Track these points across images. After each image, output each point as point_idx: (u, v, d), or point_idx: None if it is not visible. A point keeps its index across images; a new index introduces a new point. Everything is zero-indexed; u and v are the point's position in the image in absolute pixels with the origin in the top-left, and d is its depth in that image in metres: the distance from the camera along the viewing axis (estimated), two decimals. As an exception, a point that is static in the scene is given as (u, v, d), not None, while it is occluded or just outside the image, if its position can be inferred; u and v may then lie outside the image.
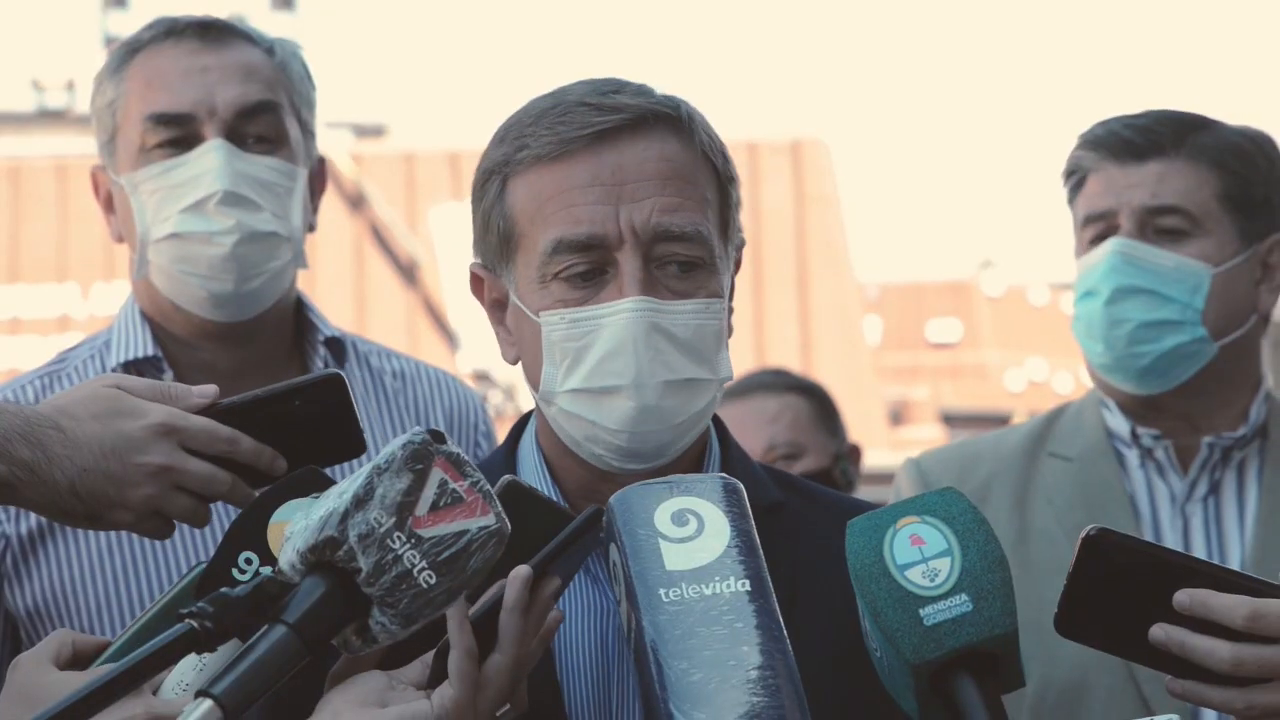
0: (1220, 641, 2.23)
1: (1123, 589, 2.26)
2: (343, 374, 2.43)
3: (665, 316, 2.36)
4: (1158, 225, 3.39)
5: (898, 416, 26.02)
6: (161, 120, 3.15)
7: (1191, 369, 3.40)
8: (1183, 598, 2.24)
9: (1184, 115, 3.47)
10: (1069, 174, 3.50)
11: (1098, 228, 3.43)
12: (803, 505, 2.45)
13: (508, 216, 2.43)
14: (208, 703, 1.89)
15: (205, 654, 2.06)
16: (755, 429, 4.70)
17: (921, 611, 2.06)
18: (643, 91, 2.44)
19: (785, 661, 2.01)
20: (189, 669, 2.20)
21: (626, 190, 2.37)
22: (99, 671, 2.08)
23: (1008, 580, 2.07)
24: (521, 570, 2.13)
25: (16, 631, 3.09)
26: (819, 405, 4.86)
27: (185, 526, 2.47)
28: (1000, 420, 26.11)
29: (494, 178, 2.44)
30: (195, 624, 1.91)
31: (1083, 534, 2.27)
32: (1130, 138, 3.41)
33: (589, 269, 2.38)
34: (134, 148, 3.16)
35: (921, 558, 2.09)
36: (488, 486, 2.02)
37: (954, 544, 2.08)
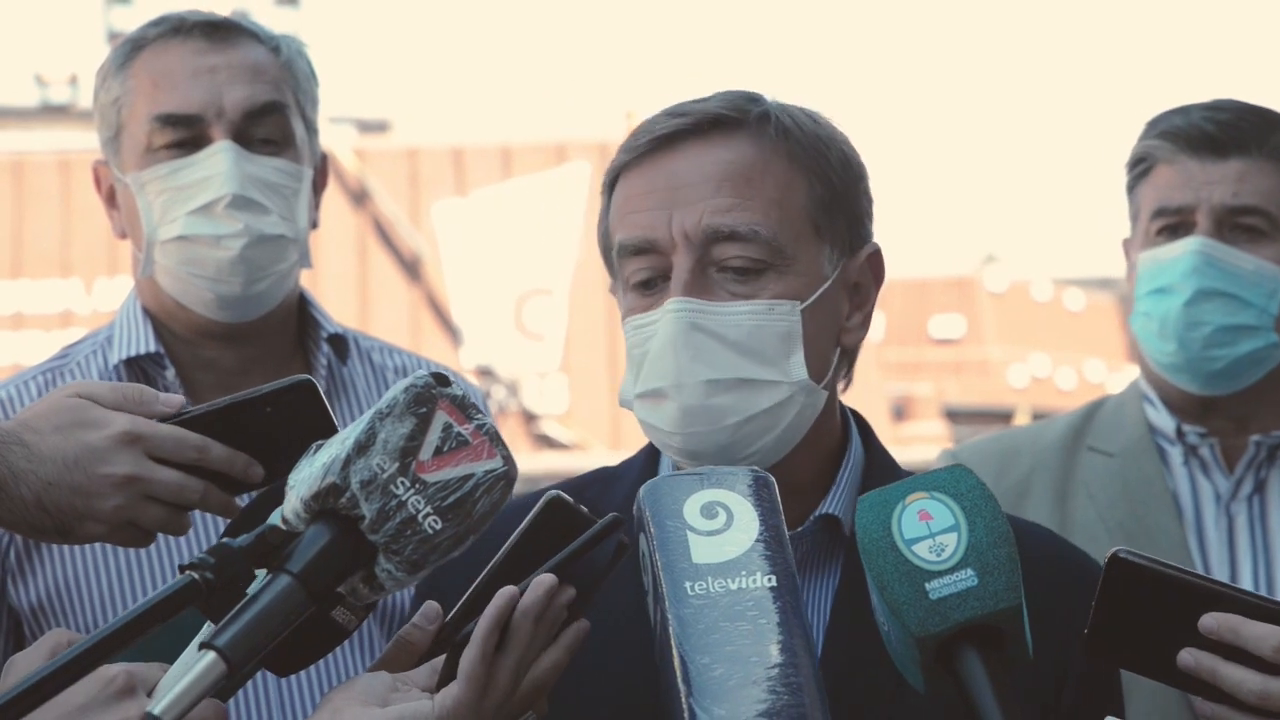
0: (1250, 672, 2.22)
1: (1151, 612, 2.26)
2: (313, 379, 2.40)
3: (710, 317, 2.36)
4: (1235, 225, 3.35)
5: (901, 412, 26.00)
6: (169, 121, 3.14)
7: (1259, 373, 3.39)
8: (1210, 621, 2.23)
9: (1264, 111, 3.41)
10: (1137, 161, 3.44)
11: (1169, 221, 3.38)
12: None
13: (607, 234, 2.48)
14: (211, 655, 1.87)
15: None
16: None
17: (927, 585, 2.05)
18: (729, 97, 2.44)
19: (808, 660, 1.99)
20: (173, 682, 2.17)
21: (680, 195, 2.38)
22: (95, 671, 2.07)
23: (1013, 556, 2.06)
24: (546, 579, 2.11)
25: (19, 627, 3.09)
26: None
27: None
28: (1004, 416, 26.13)
29: (604, 194, 2.49)
30: (196, 575, 1.88)
31: (1108, 555, 2.28)
32: (1213, 132, 3.35)
33: (650, 276, 2.40)
34: (140, 147, 3.15)
35: (929, 533, 2.08)
36: (494, 429, 2.00)
37: (961, 520, 2.08)
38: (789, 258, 2.39)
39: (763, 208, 2.38)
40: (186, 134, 3.14)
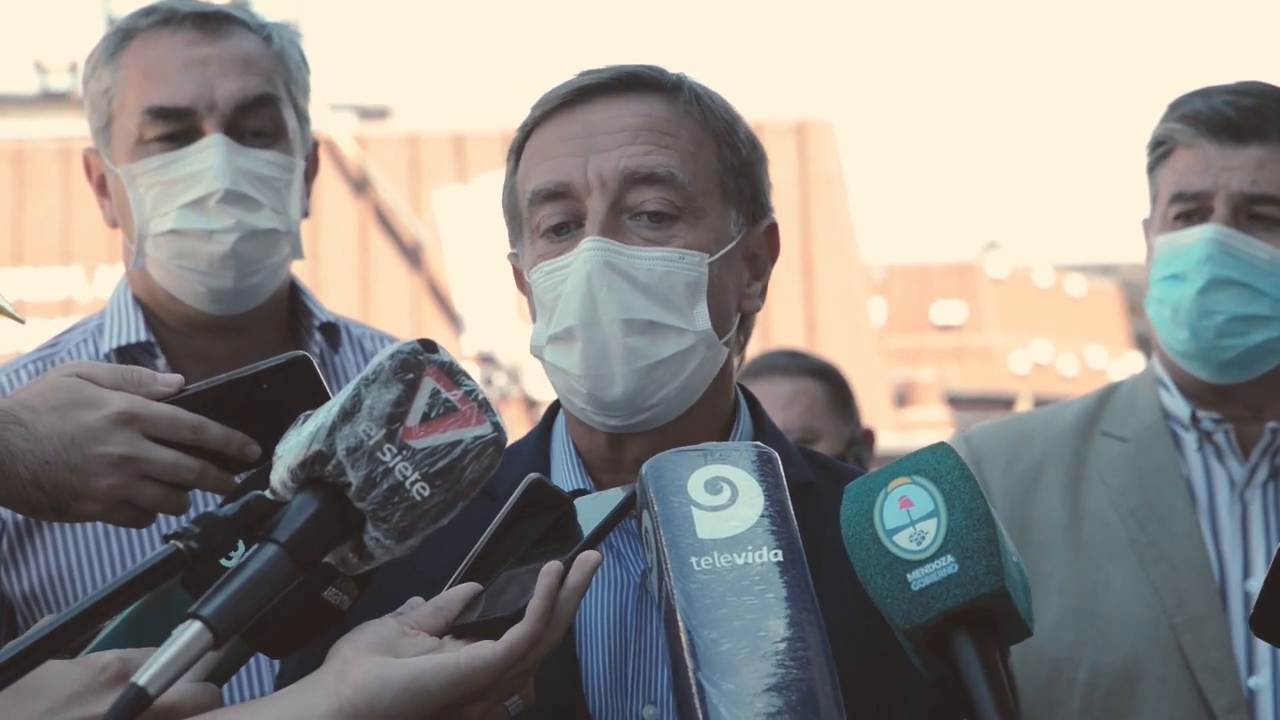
0: None
1: None
2: (309, 355, 2.40)
3: (625, 259, 2.39)
4: (1252, 212, 3.33)
5: (903, 398, 25.99)
6: (160, 114, 3.12)
7: (1272, 363, 3.37)
8: None
9: None
10: (1156, 144, 3.42)
11: (1187, 207, 3.36)
12: (835, 486, 2.45)
13: (514, 191, 2.49)
14: (196, 625, 1.85)
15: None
16: (769, 413, 4.64)
17: (909, 576, 2.05)
18: (642, 64, 2.50)
19: (817, 633, 2.00)
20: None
21: (597, 141, 2.42)
22: (88, 660, 2.06)
23: (992, 538, 2.04)
24: (593, 556, 2.10)
25: (13, 616, 3.08)
26: (834, 389, 4.77)
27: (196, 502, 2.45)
28: (1005, 402, 26.10)
29: (511, 156, 2.51)
30: (181, 545, 1.88)
31: None
32: (1233, 118, 3.34)
33: (563, 220, 2.42)
34: (131, 139, 3.13)
35: (909, 520, 2.07)
36: (483, 395, 1.99)
37: (940, 504, 2.07)
38: (700, 210, 2.43)
39: (679, 157, 2.43)
40: (178, 127, 3.12)
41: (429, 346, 1.98)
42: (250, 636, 2.09)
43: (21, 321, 2.59)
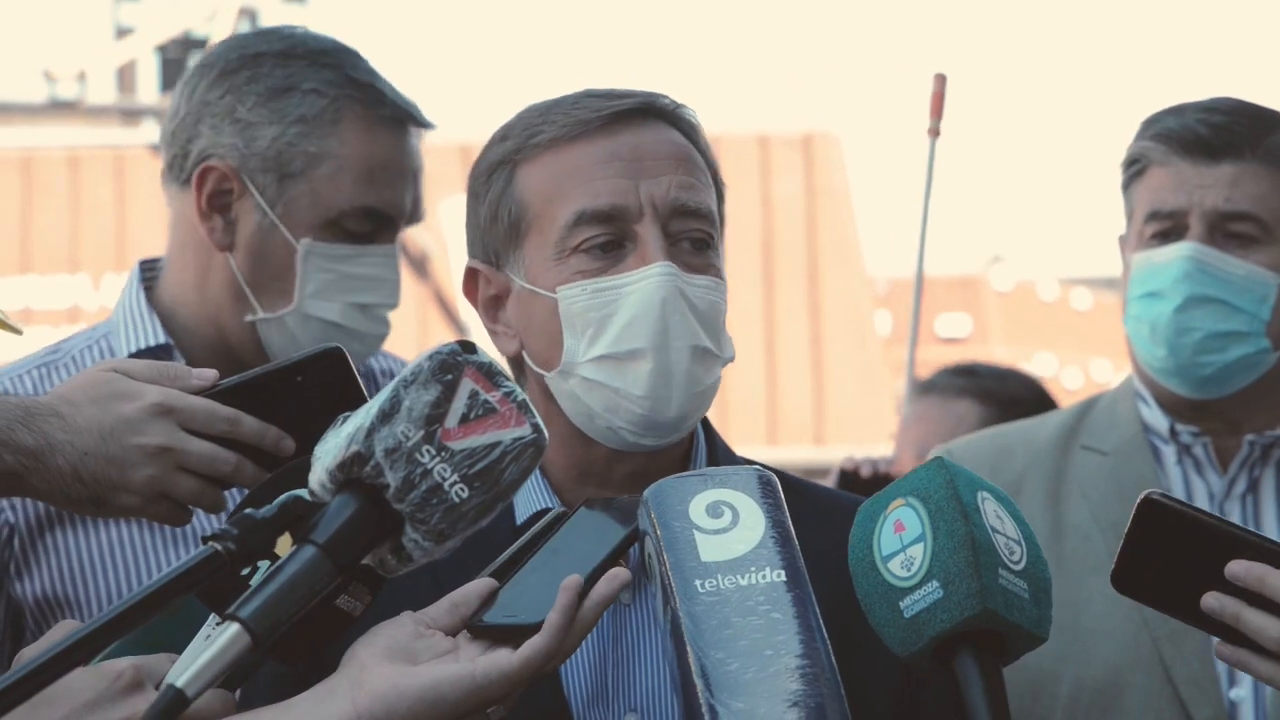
0: (1273, 620, 2.29)
1: (1178, 553, 2.32)
2: (341, 347, 2.41)
3: (688, 286, 2.44)
4: (1227, 230, 3.34)
5: (907, 411, 25.95)
6: (370, 215, 3.25)
7: (1250, 378, 3.38)
8: (1237, 568, 2.29)
9: (1260, 112, 3.40)
10: (1131, 162, 3.43)
11: (1162, 225, 3.37)
12: (789, 500, 2.46)
13: (519, 202, 2.51)
14: (235, 627, 1.85)
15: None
16: (912, 432, 4.54)
17: (901, 604, 2.08)
18: (649, 92, 2.54)
19: (822, 650, 2.02)
20: (191, 660, 2.17)
21: (645, 166, 2.47)
22: (102, 667, 2.07)
23: (973, 560, 2.06)
24: (622, 573, 2.11)
25: (19, 620, 3.09)
26: (995, 416, 4.48)
27: (198, 516, 2.47)
28: (1010, 415, 26.05)
29: (501, 169, 2.54)
30: (219, 546, 1.88)
31: (1141, 497, 2.32)
32: (1206, 136, 3.34)
33: (610, 240, 2.45)
34: (325, 215, 3.19)
35: (900, 546, 2.10)
36: (523, 396, 1.99)
37: (927, 527, 2.09)
38: (720, 240, 2.52)
39: (706, 191, 2.51)
40: (370, 228, 3.26)
41: (468, 348, 1.99)
42: None
43: (19, 333, 2.62)
